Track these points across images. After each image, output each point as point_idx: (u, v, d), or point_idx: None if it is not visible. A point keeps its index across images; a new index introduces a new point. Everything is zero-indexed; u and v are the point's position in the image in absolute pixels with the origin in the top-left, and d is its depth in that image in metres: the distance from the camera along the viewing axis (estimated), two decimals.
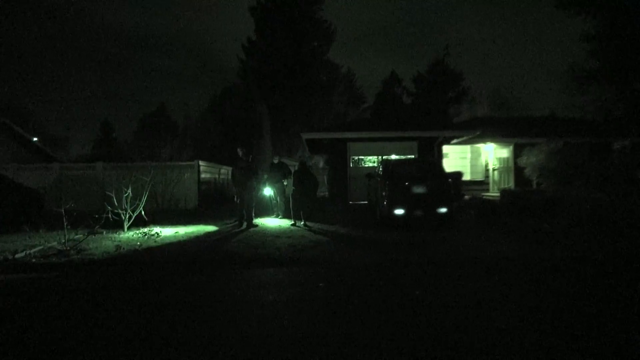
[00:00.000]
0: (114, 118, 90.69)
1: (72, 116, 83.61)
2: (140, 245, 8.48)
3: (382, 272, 6.47)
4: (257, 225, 10.96)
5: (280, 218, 12.41)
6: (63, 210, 8.35)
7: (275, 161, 12.58)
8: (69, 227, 8.38)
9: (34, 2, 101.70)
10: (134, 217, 10.56)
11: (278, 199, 12.57)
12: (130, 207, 10.68)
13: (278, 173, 12.17)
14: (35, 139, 29.38)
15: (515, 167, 17.52)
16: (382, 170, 11.74)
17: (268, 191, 12.57)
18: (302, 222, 11.10)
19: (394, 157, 16.30)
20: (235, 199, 11.15)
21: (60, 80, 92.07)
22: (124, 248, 8.11)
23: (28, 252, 7.63)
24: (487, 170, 19.38)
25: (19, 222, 11.28)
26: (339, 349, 3.53)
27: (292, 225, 11.09)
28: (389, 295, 5.14)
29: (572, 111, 18.93)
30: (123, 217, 10.36)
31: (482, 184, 19.09)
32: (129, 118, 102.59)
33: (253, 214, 11.14)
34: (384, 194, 10.61)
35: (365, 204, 15.13)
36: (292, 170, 12.01)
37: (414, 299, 4.94)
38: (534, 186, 15.73)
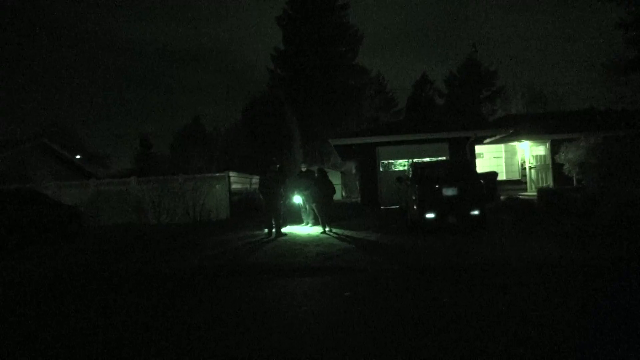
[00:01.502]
0: (152, 133, 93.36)
1: (115, 134, 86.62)
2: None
3: (410, 279, 6.28)
4: (285, 234, 10.91)
5: (310, 226, 12.33)
6: None
7: (304, 169, 12.52)
8: None
9: (70, 26, 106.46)
10: None
11: (307, 207, 12.49)
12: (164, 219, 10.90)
13: (306, 181, 12.10)
14: (77, 156, 30.57)
15: (553, 165, 16.85)
16: (412, 174, 11.48)
17: (297, 199, 12.52)
18: (327, 229, 11.05)
19: (425, 160, 15.98)
20: (263, 208, 11.16)
21: (100, 99, 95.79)
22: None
23: None
24: (523, 169, 18.74)
25: (58, 239, 11.70)
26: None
27: (321, 233, 11.00)
28: (416, 304, 4.95)
29: (613, 103, 18.11)
30: None
31: (518, 183, 18.47)
32: (166, 132, 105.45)
33: (281, 223, 11.11)
34: (413, 197, 10.36)
35: (396, 208, 14.86)
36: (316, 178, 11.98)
37: (442, 307, 4.73)
38: (574, 183, 15.06)
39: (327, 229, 11.12)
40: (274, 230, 10.84)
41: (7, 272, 7.99)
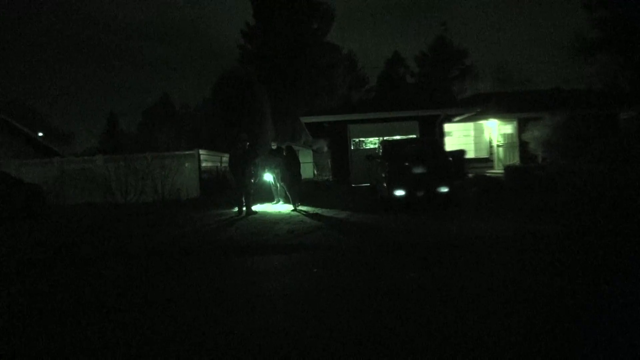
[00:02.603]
0: (120, 110, 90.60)
1: (78, 110, 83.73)
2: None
3: (377, 255, 6.38)
4: (256, 212, 10.88)
5: (281, 204, 12.32)
6: None
7: (274, 147, 12.45)
8: None
9: None
10: None
11: (278, 184, 12.46)
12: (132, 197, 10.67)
13: (276, 159, 12.03)
14: (40, 134, 29.47)
15: (520, 143, 17.23)
16: (382, 151, 11.56)
17: (268, 177, 12.45)
18: (297, 206, 11.14)
19: (396, 138, 16.07)
20: (233, 186, 11.08)
21: (64, 75, 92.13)
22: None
23: None
24: (491, 147, 19.09)
25: (21, 217, 11.35)
26: (328, 339, 3.43)
27: (292, 210, 11.01)
28: (383, 279, 5.04)
29: (578, 83, 18.55)
30: None
31: (486, 161, 18.83)
32: (134, 110, 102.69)
33: (252, 201, 11.05)
34: (383, 175, 10.45)
35: (367, 186, 14.98)
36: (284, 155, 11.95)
37: (407, 283, 4.83)
38: (540, 161, 15.47)
39: (297, 207, 11.15)
40: (244, 208, 10.79)
41: None
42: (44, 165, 16.30)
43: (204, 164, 16.63)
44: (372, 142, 16.80)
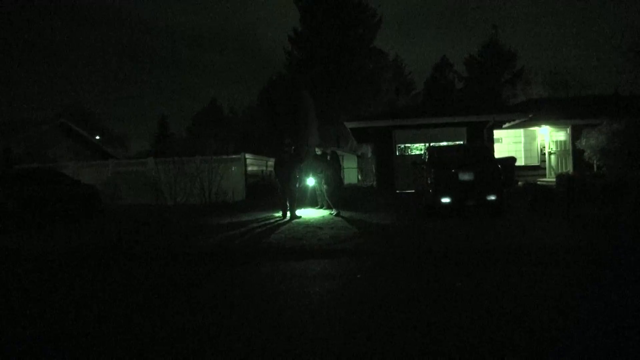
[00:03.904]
0: (171, 115, 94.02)
1: (134, 114, 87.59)
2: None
3: (422, 263, 6.27)
4: (300, 217, 10.95)
5: (324, 209, 12.35)
6: None
7: (319, 152, 12.50)
8: None
9: (89, 5, 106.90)
10: None
11: (323, 189, 12.50)
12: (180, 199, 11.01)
13: (320, 164, 12.09)
14: (97, 137, 30.99)
15: (573, 151, 16.51)
16: (427, 158, 11.37)
17: (311, 182, 12.53)
18: (336, 212, 11.23)
19: (442, 144, 15.78)
20: (278, 190, 11.22)
21: (120, 80, 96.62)
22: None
23: None
24: (542, 154, 18.38)
25: (78, 217, 11.96)
26: (365, 344, 3.41)
27: (335, 216, 11.02)
28: (428, 287, 4.94)
29: (637, 88, 17.55)
30: None
31: (537, 169, 18.14)
32: (184, 114, 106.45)
33: (296, 205, 11.15)
34: (429, 182, 10.27)
35: (412, 193, 14.77)
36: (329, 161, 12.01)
37: (453, 291, 4.72)
38: (595, 170, 14.73)
39: (335, 212, 11.17)
40: (288, 212, 10.89)
41: (28, 248, 8.20)
42: (100, 167, 17.15)
43: (250, 168, 16.95)
44: (417, 148, 16.57)
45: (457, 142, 15.73)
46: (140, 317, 4.25)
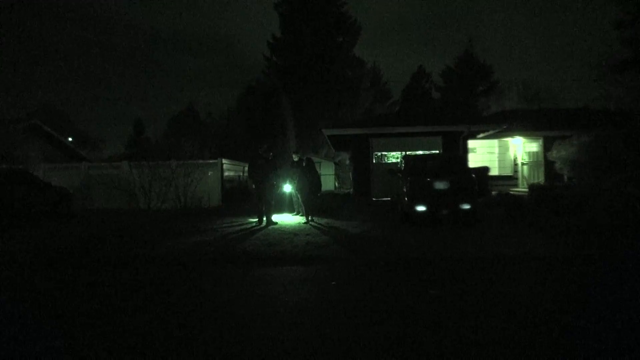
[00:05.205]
0: (147, 118, 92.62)
1: (107, 116, 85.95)
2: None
3: (397, 270, 6.31)
4: (276, 223, 10.90)
5: (300, 215, 12.33)
6: None
7: (296, 159, 12.49)
8: None
9: (66, 6, 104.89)
10: None
11: (299, 196, 12.48)
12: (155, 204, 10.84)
13: (296, 170, 12.08)
14: (69, 139, 30.27)
15: (545, 162, 16.89)
16: (403, 166, 11.50)
17: (288, 188, 12.50)
18: (310, 219, 11.23)
19: (418, 152, 15.98)
20: (255, 196, 11.16)
21: (94, 81, 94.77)
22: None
23: None
24: (515, 165, 18.78)
25: (47, 219, 11.65)
26: (343, 352, 3.40)
27: (304, 223, 11.02)
28: (401, 295, 4.97)
29: (607, 102, 18.13)
30: None
31: (510, 179, 18.52)
32: (160, 118, 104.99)
33: (272, 211, 11.09)
34: (405, 190, 10.38)
35: (388, 200, 14.89)
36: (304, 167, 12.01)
37: (427, 299, 4.75)
38: (565, 181, 15.12)
39: (310, 219, 11.19)
40: (264, 218, 10.83)
41: None
42: (72, 170, 16.76)
43: (226, 174, 16.82)
44: (394, 157, 16.73)
45: (433, 151, 15.96)
46: (102, 324, 4.13)
